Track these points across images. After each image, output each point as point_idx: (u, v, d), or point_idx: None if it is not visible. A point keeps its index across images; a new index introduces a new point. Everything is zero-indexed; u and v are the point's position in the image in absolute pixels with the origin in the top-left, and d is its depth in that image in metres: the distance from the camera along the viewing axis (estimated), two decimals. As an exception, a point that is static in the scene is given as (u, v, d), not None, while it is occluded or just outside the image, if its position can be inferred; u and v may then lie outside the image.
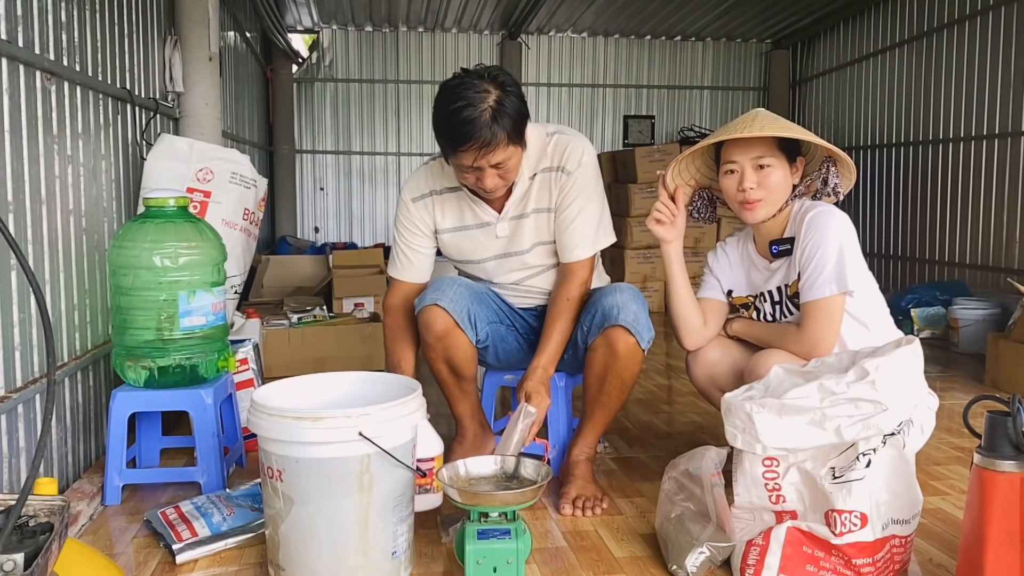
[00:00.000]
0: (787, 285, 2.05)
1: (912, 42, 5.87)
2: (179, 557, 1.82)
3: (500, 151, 1.97)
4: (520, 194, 2.19)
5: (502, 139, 1.95)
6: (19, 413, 1.96)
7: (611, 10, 7.04)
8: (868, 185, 6.40)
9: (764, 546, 1.64)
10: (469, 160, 1.99)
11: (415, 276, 2.31)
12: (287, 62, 7.42)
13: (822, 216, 1.96)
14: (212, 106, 3.43)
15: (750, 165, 1.98)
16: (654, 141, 7.97)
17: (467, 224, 2.26)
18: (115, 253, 2.13)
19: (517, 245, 2.25)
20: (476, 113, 1.92)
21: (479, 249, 2.28)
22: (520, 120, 2.00)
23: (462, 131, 1.93)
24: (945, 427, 2.82)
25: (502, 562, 1.57)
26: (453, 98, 1.95)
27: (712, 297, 2.24)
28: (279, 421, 1.57)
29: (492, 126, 1.93)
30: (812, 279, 1.94)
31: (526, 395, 2.04)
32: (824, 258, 1.92)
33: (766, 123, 1.96)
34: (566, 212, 2.19)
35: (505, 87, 1.98)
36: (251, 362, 2.68)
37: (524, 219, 2.22)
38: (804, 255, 1.96)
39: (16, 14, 1.98)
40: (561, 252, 2.23)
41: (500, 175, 2.05)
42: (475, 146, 1.94)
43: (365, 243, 7.83)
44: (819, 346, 1.93)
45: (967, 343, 4.30)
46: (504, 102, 1.95)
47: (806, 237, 1.96)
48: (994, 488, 1.45)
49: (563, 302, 2.17)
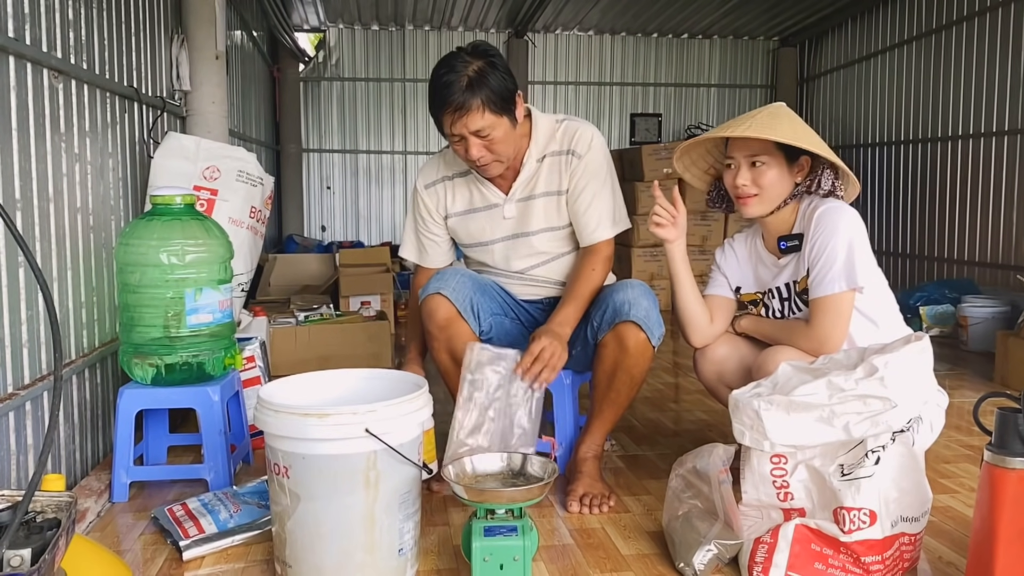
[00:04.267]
0: (795, 281, 2.05)
1: (920, 39, 5.84)
2: (186, 554, 1.82)
3: (476, 116, 2.02)
4: (528, 176, 2.22)
5: (476, 105, 2.01)
6: (27, 410, 1.97)
7: (617, 8, 7.03)
8: (877, 183, 6.37)
9: (772, 544, 1.63)
10: (447, 125, 2.06)
11: (439, 260, 2.40)
12: (294, 61, 7.44)
13: (832, 212, 1.95)
14: (219, 105, 3.44)
15: (745, 162, 2.00)
16: (661, 139, 7.96)
17: (476, 206, 2.30)
18: (122, 251, 2.14)
19: (525, 227, 2.27)
20: (455, 78, 2.01)
21: (487, 231, 2.30)
22: (503, 92, 2.05)
23: (439, 96, 2.03)
24: (954, 425, 2.80)
25: (509, 559, 1.57)
26: (440, 67, 2.06)
27: (719, 294, 2.23)
28: (286, 418, 1.57)
29: (467, 91, 2.00)
30: (821, 275, 1.93)
31: (536, 338, 2.03)
32: (834, 254, 1.91)
33: (759, 123, 1.96)
34: (582, 195, 2.22)
35: (488, 56, 2.06)
36: (258, 360, 2.69)
37: (532, 201, 2.24)
38: (814, 251, 1.95)
39: (24, 12, 1.99)
40: (582, 236, 2.25)
41: (486, 146, 2.08)
42: (450, 109, 2.02)
43: (372, 242, 7.83)
44: (828, 342, 1.92)
45: (976, 341, 4.27)
46: (484, 71, 2.03)
47: (815, 233, 1.95)
48: (1005, 485, 1.44)
49: (588, 271, 2.20)
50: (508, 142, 2.12)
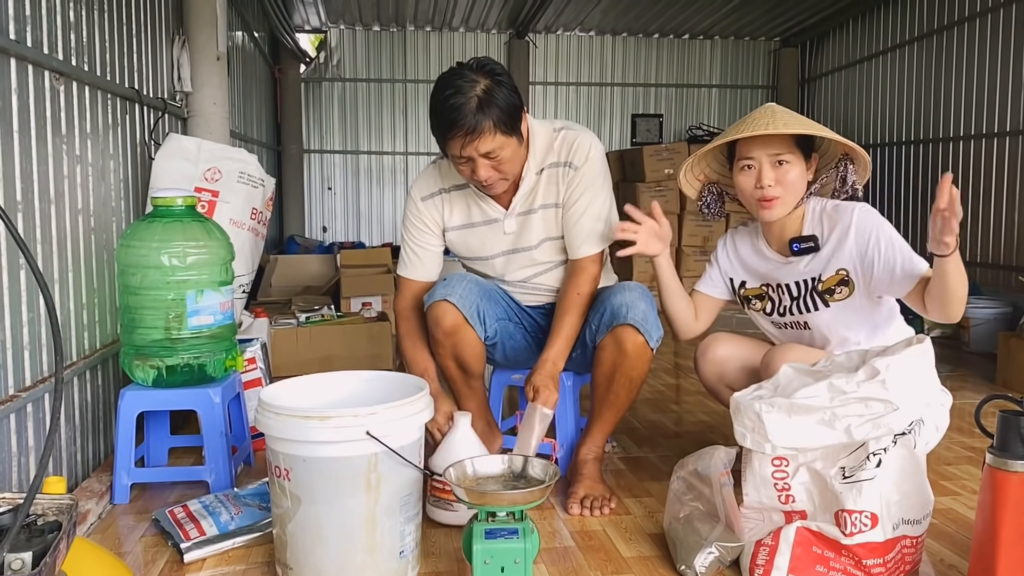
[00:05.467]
0: (814, 279, 2.01)
1: (921, 40, 5.83)
2: (187, 556, 1.82)
3: (487, 139, 1.97)
4: (527, 190, 2.19)
5: (487, 127, 1.95)
6: (28, 412, 1.97)
7: (619, 8, 7.02)
8: (878, 183, 6.36)
9: (773, 546, 1.63)
10: (457, 148, 1.99)
11: (424, 274, 2.30)
12: (295, 62, 7.44)
13: (864, 214, 1.94)
14: (220, 106, 3.44)
15: (768, 162, 1.94)
16: (662, 140, 7.95)
17: (475, 221, 2.26)
18: (123, 252, 2.14)
19: (525, 241, 2.24)
20: (463, 100, 1.93)
21: (487, 246, 2.27)
22: (511, 111, 1.99)
23: (448, 119, 1.95)
24: (956, 427, 2.79)
25: (509, 562, 1.57)
26: (443, 87, 1.97)
27: (707, 293, 2.24)
28: (287, 420, 1.57)
29: (477, 114, 1.94)
30: (905, 265, 1.88)
31: (534, 389, 2.03)
32: (896, 243, 1.89)
33: (786, 119, 1.92)
34: (574, 207, 2.18)
35: (495, 76, 1.98)
36: (259, 361, 2.69)
37: (532, 215, 2.21)
38: (869, 249, 1.91)
39: (25, 14, 1.99)
40: (570, 248, 2.22)
41: (494, 167, 2.04)
42: (460, 133, 1.95)
43: (373, 243, 7.83)
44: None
45: (978, 342, 4.27)
46: (493, 91, 1.96)
47: (863, 234, 1.92)
48: (1006, 488, 1.44)
49: (573, 296, 2.16)
50: (515, 160, 2.09)
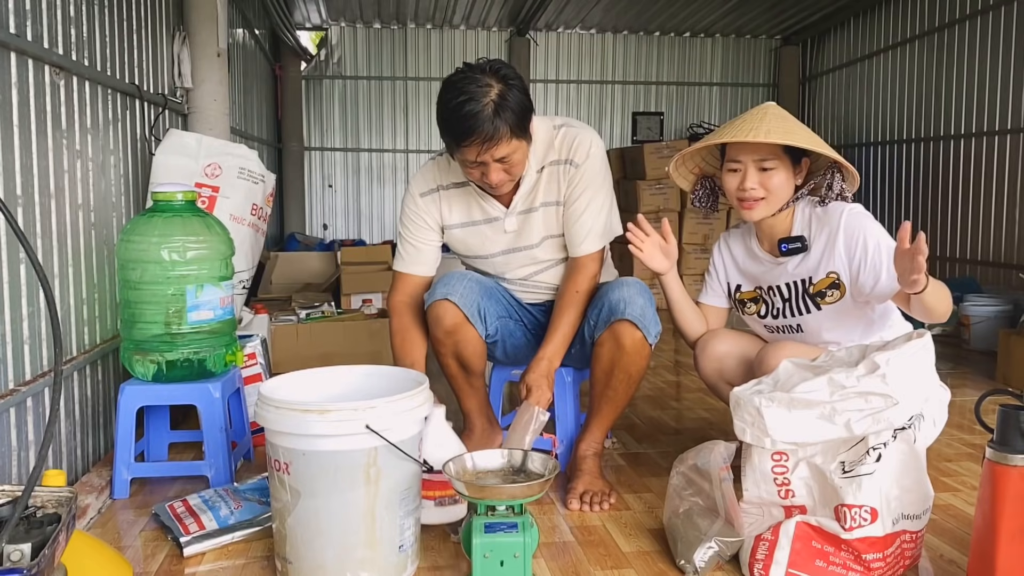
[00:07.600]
0: (804, 280, 2.03)
1: (922, 38, 5.83)
2: (187, 550, 1.82)
3: (503, 145, 1.96)
4: (528, 188, 2.19)
5: (505, 133, 1.94)
6: (28, 406, 1.97)
7: (620, 6, 7.02)
8: (879, 181, 6.36)
9: (773, 541, 1.63)
10: (472, 155, 1.98)
11: (421, 269, 2.29)
12: (296, 59, 7.44)
13: (853, 216, 1.95)
14: (220, 102, 3.44)
15: (753, 166, 1.97)
16: (663, 137, 7.95)
17: (475, 219, 2.25)
18: (123, 247, 2.14)
19: (526, 239, 2.24)
20: (478, 108, 1.91)
21: (487, 244, 2.27)
22: (523, 114, 1.98)
23: (464, 126, 1.92)
24: (956, 423, 2.80)
25: (509, 556, 1.57)
26: (455, 93, 1.94)
27: (711, 304, 2.26)
28: (286, 414, 1.57)
29: (494, 120, 1.92)
30: (890, 270, 1.86)
31: (527, 387, 2.03)
32: (884, 247, 1.90)
33: (773, 126, 1.94)
34: (574, 205, 2.18)
35: (508, 80, 1.96)
36: (259, 357, 2.69)
37: (532, 213, 2.21)
38: (856, 253, 1.93)
39: (25, 8, 1.99)
40: (570, 245, 2.22)
41: (505, 170, 2.04)
42: (477, 140, 1.93)
43: (373, 240, 7.84)
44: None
45: (978, 340, 4.27)
46: (507, 96, 1.94)
47: (851, 238, 1.93)
48: (1006, 482, 1.44)
49: (571, 294, 2.16)
50: (524, 162, 2.09)
